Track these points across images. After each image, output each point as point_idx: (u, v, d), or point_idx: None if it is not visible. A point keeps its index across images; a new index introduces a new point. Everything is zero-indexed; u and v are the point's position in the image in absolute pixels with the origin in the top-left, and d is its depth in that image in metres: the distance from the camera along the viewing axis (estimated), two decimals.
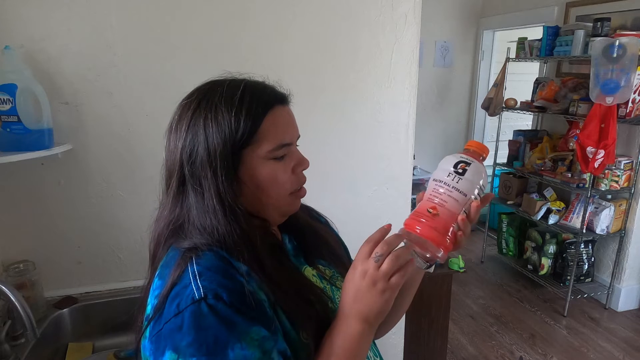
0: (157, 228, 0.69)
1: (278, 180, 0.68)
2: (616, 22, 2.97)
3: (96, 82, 1.31)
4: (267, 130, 0.65)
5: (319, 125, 1.54)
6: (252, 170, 0.66)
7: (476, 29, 4.41)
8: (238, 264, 0.62)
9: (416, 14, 1.55)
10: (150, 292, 0.65)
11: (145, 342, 0.60)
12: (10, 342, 1.18)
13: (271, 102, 0.67)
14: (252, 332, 0.57)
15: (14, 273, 1.28)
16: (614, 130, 2.66)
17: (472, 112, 4.61)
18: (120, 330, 1.37)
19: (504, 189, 3.76)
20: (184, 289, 0.59)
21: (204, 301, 0.57)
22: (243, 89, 0.66)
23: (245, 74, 0.71)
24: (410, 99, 1.62)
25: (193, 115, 0.66)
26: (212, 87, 0.68)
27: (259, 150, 0.66)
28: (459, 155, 0.68)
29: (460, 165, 0.66)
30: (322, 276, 0.77)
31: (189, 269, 0.61)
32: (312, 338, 0.64)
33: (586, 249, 3.19)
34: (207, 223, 0.64)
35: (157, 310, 0.60)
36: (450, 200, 0.65)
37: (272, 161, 0.67)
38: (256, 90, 0.68)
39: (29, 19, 1.23)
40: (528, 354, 2.66)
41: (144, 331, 0.61)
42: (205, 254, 0.62)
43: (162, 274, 0.65)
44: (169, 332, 0.57)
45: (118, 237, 1.44)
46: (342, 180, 1.62)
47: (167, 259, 0.67)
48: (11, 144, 1.18)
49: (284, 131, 0.68)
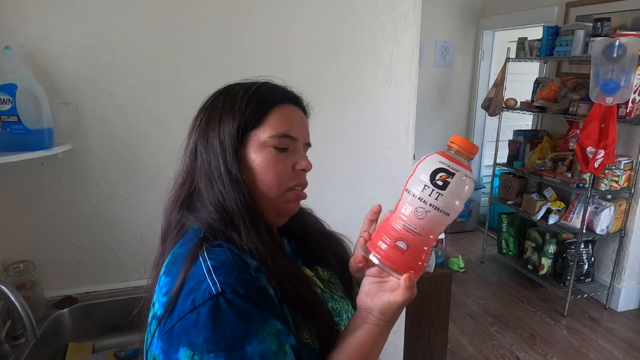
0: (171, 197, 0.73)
1: (273, 167, 0.69)
2: (616, 22, 2.97)
3: (96, 82, 1.32)
4: (273, 118, 0.70)
5: (319, 125, 1.54)
6: (252, 152, 0.69)
7: (476, 29, 4.41)
8: (249, 260, 0.63)
9: (416, 14, 1.55)
10: (157, 290, 0.64)
11: (154, 340, 0.59)
12: (10, 342, 1.18)
13: (283, 98, 0.73)
14: (268, 325, 0.57)
15: (14, 273, 1.28)
16: (614, 130, 2.66)
17: (472, 112, 4.61)
18: (120, 330, 1.37)
19: (504, 189, 3.76)
20: (199, 285, 0.58)
21: (221, 296, 0.56)
22: (262, 83, 0.74)
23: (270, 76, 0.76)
24: (410, 99, 1.62)
25: (216, 98, 0.73)
26: (237, 83, 0.75)
27: (261, 134, 0.69)
28: (438, 160, 0.52)
29: (441, 175, 0.50)
30: (319, 279, 0.77)
31: (202, 265, 0.60)
32: (312, 337, 0.64)
33: (586, 249, 3.19)
34: (214, 194, 0.67)
35: (168, 307, 0.59)
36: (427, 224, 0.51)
37: (272, 149, 0.69)
38: (273, 86, 0.74)
39: (29, 19, 1.23)
40: (528, 354, 2.66)
41: (154, 330, 0.60)
42: (214, 249, 0.63)
43: (169, 271, 0.64)
44: (183, 328, 0.56)
45: (118, 237, 1.44)
46: (342, 180, 1.62)
47: (174, 256, 0.66)
48: (11, 144, 1.18)
49: (290, 124, 0.71)
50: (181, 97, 1.33)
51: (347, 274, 0.82)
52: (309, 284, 0.70)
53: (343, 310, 0.74)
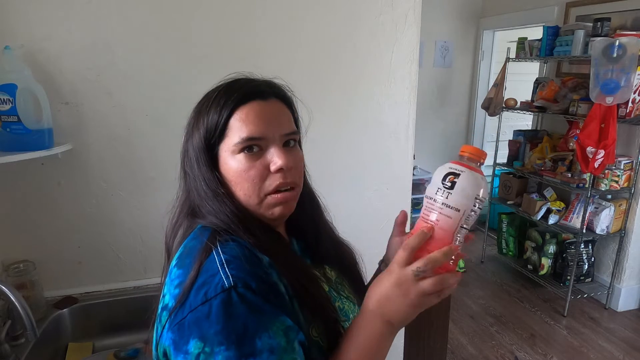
0: (175, 211, 0.74)
1: (245, 175, 0.66)
2: (616, 22, 2.97)
3: (96, 82, 1.32)
4: (234, 124, 0.67)
5: (319, 125, 1.54)
6: (225, 164, 0.68)
7: (476, 29, 4.41)
8: (261, 255, 0.64)
9: (416, 14, 1.55)
10: (168, 281, 0.64)
11: (164, 332, 0.60)
12: (10, 342, 1.18)
13: (245, 98, 0.67)
14: (278, 321, 0.57)
15: (14, 273, 1.28)
16: (614, 130, 2.66)
17: (472, 112, 4.61)
18: (120, 330, 1.37)
19: (504, 189, 3.76)
20: (212, 277, 0.58)
21: (233, 290, 0.57)
22: (222, 87, 0.70)
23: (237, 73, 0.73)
24: (410, 99, 1.62)
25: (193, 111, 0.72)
26: (214, 89, 0.71)
27: (228, 144, 0.67)
28: (448, 166, 0.61)
29: (449, 177, 0.59)
30: (327, 278, 0.77)
31: (216, 258, 0.61)
32: (321, 335, 0.64)
33: (586, 249, 3.19)
34: (206, 207, 0.69)
35: (180, 299, 0.59)
36: (441, 218, 0.59)
37: (242, 155, 0.66)
38: (234, 86, 0.69)
39: (29, 19, 1.23)
40: (528, 354, 2.66)
41: (164, 321, 0.60)
42: (228, 243, 0.63)
43: (182, 263, 0.64)
44: (194, 320, 0.56)
45: (118, 237, 1.44)
46: (342, 180, 1.62)
47: (187, 248, 0.66)
48: (11, 144, 1.18)
49: (254, 125, 0.66)
50: (181, 97, 1.32)
51: (354, 275, 0.82)
52: (317, 282, 0.70)
53: (349, 311, 0.75)
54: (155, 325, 0.65)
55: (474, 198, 0.59)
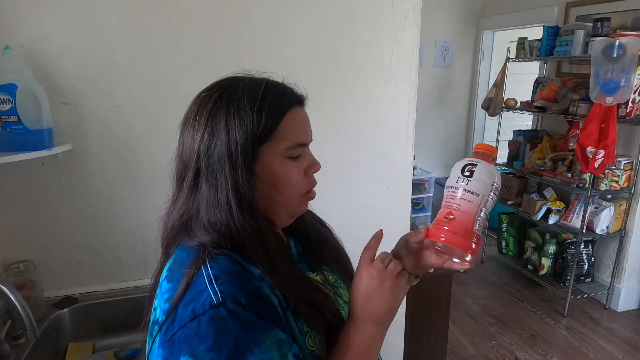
0: (170, 220, 0.69)
1: (291, 179, 0.68)
2: (616, 22, 2.97)
3: (96, 82, 1.31)
4: (286, 128, 0.66)
5: (319, 125, 1.54)
6: (268, 167, 0.66)
7: (476, 29, 4.41)
8: (252, 268, 0.62)
9: (416, 14, 1.55)
10: (159, 295, 0.63)
11: (155, 347, 0.59)
12: (10, 342, 1.18)
13: (291, 102, 0.69)
14: (270, 335, 0.57)
15: (14, 273, 1.28)
16: (614, 130, 2.66)
17: (472, 112, 4.61)
18: (120, 330, 1.37)
19: (504, 189, 3.75)
20: (200, 294, 0.57)
21: (222, 306, 0.56)
22: (265, 86, 0.67)
23: (265, 73, 0.72)
24: (410, 99, 1.62)
25: (213, 108, 0.64)
26: (233, 82, 0.68)
27: (277, 147, 0.66)
28: (466, 159, 0.70)
29: (467, 167, 0.68)
30: (327, 282, 0.76)
31: (204, 273, 0.59)
32: (318, 345, 0.64)
33: (586, 249, 3.19)
34: (216, 219, 0.63)
35: (169, 315, 0.58)
36: (463, 202, 0.67)
37: (287, 160, 0.67)
38: (278, 88, 0.69)
39: (29, 19, 1.23)
40: (528, 354, 2.66)
41: (155, 336, 0.59)
42: (218, 258, 0.61)
43: (171, 277, 0.63)
44: (184, 337, 0.55)
45: (118, 237, 1.44)
46: (342, 180, 1.62)
47: (177, 261, 0.65)
48: (11, 144, 1.18)
49: (301, 131, 0.69)
50: (181, 97, 1.32)
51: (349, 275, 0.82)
52: (321, 291, 0.70)
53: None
54: (147, 339, 0.64)
55: (491, 185, 0.67)
